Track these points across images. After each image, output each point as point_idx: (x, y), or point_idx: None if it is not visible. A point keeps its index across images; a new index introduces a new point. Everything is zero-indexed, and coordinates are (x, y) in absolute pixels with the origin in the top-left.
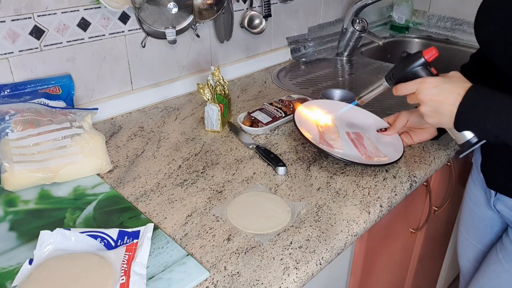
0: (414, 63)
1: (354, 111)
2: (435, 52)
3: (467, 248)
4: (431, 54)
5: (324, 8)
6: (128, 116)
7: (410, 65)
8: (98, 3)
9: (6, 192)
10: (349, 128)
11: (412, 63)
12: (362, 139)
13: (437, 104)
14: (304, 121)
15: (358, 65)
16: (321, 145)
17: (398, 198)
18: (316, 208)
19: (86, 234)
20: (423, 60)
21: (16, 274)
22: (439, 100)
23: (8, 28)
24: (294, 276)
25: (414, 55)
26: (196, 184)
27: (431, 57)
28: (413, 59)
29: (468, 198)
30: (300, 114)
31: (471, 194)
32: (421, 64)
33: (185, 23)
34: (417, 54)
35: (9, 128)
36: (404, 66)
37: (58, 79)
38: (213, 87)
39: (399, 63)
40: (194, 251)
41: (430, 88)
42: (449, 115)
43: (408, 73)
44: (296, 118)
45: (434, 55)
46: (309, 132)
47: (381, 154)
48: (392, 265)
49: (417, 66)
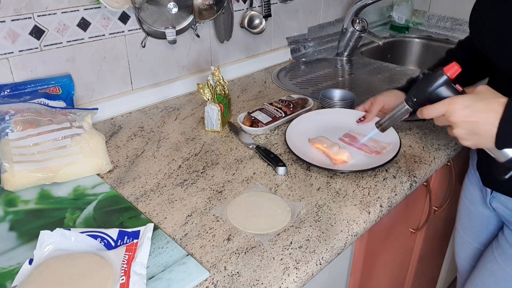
0: (436, 82)
1: (331, 115)
2: (457, 68)
3: (464, 247)
4: (453, 70)
5: (324, 8)
6: (128, 116)
7: (432, 84)
8: (98, 3)
9: (6, 192)
10: (338, 134)
11: (434, 83)
12: (356, 138)
13: (473, 126)
14: (308, 152)
15: (358, 65)
16: (337, 167)
17: (398, 198)
18: (316, 208)
19: (86, 234)
20: (446, 78)
21: (16, 274)
22: (474, 121)
23: (8, 28)
24: (294, 276)
25: (434, 74)
26: (196, 184)
27: (453, 74)
28: (434, 78)
29: (464, 197)
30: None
31: (467, 192)
32: (444, 82)
33: (185, 23)
34: (438, 72)
35: (9, 128)
36: (426, 87)
37: (58, 79)
38: (213, 87)
39: (420, 84)
40: (194, 251)
41: (461, 109)
42: (488, 135)
43: (432, 94)
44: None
45: (456, 71)
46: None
47: (384, 144)
48: (392, 265)
49: (440, 86)
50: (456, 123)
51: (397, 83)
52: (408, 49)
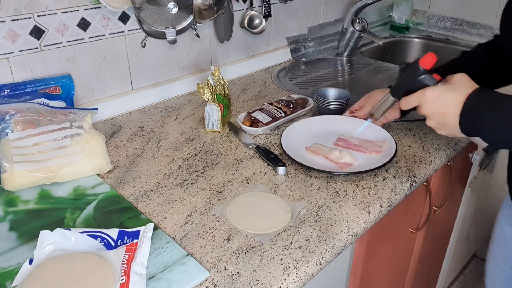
0: (413, 74)
1: (320, 121)
2: (431, 59)
3: (496, 271)
4: (427, 61)
5: (324, 8)
6: (128, 116)
7: (409, 76)
8: (98, 3)
9: (6, 192)
10: (330, 139)
11: (411, 74)
12: (350, 141)
13: (441, 117)
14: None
15: (358, 65)
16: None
17: (398, 198)
18: (316, 208)
19: (86, 234)
20: (422, 70)
21: (16, 274)
22: (442, 112)
23: (8, 28)
24: (294, 276)
25: (411, 65)
26: (196, 184)
27: (428, 65)
28: (411, 70)
29: (501, 218)
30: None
31: (504, 213)
32: (421, 74)
33: (185, 23)
34: (414, 63)
35: (9, 128)
36: (404, 79)
37: (58, 79)
38: (213, 87)
39: (399, 76)
40: (194, 251)
41: (431, 100)
42: (454, 125)
43: (410, 85)
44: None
45: (431, 62)
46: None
47: (379, 142)
48: (392, 265)
49: (417, 76)
50: (427, 115)
51: None
52: (408, 49)
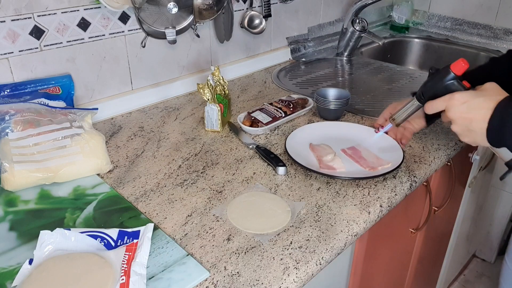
0: (443, 79)
1: (344, 127)
2: (464, 65)
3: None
4: (459, 67)
5: (324, 8)
6: (128, 116)
7: (439, 81)
8: (98, 3)
9: (6, 192)
10: (343, 145)
11: (441, 79)
12: (360, 152)
13: (467, 122)
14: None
15: (358, 65)
16: (322, 170)
17: (398, 198)
18: (316, 208)
19: (86, 234)
20: (453, 75)
21: (16, 274)
22: (469, 117)
23: (8, 28)
24: (294, 276)
25: (442, 71)
26: (196, 184)
27: (460, 70)
28: (441, 75)
29: None
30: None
31: None
32: (451, 79)
33: (185, 23)
34: (445, 69)
35: (9, 128)
36: (433, 83)
37: (58, 79)
38: (213, 87)
39: (428, 80)
40: (194, 251)
41: (458, 105)
42: (480, 132)
43: (438, 90)
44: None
45: (463, 68)
46: (307, 159)
47: (384, 162)
48: (392, 265)
49: (446, 82)
50: (453, 119)
51: (397, 83)
52: (408, 49)
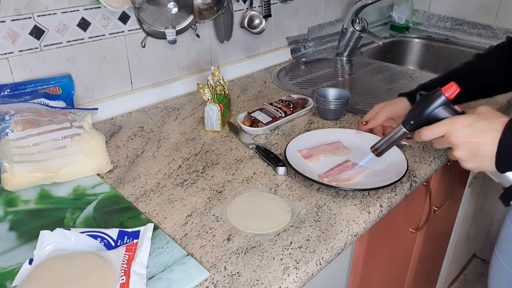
0: (434, 103)
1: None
2: (455, 88)
3: (500, 275)
4: (451, 91)
5: (324, 8)
6: (128, 116)
7: (430, 106)
8: (98, 3)
9: (6, 192)
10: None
11: (432, 104)
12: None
13: (474, 146)
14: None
15: (358, 65)
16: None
17: (398, 198)
18: (316, 208)
19: (86, 234)
20: (444, 99)
21: (16, 274)
22: (475, 141)
23: (8, 28)
24: (294, 276)
25: (432, 95)
26: (196, 184)
27: (452, 94)
28: (432, 99)
29: (509, 221)
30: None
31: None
32: (443, 103)
33: (185, 23)
34: (435, 93)
35: (9, 128)
36: (423, 108)
37: (58, 79)
38: (213, 87)
39: (417, 106)
40: (194, 251)
41: (462, 128)
42: (489, 156)
43: (430, 116)
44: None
45: (455, 91)
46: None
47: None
48: (392, 265)
49: (438, 107)
50: (457, 144)
51: (397, 83)
52: (408, 49)
